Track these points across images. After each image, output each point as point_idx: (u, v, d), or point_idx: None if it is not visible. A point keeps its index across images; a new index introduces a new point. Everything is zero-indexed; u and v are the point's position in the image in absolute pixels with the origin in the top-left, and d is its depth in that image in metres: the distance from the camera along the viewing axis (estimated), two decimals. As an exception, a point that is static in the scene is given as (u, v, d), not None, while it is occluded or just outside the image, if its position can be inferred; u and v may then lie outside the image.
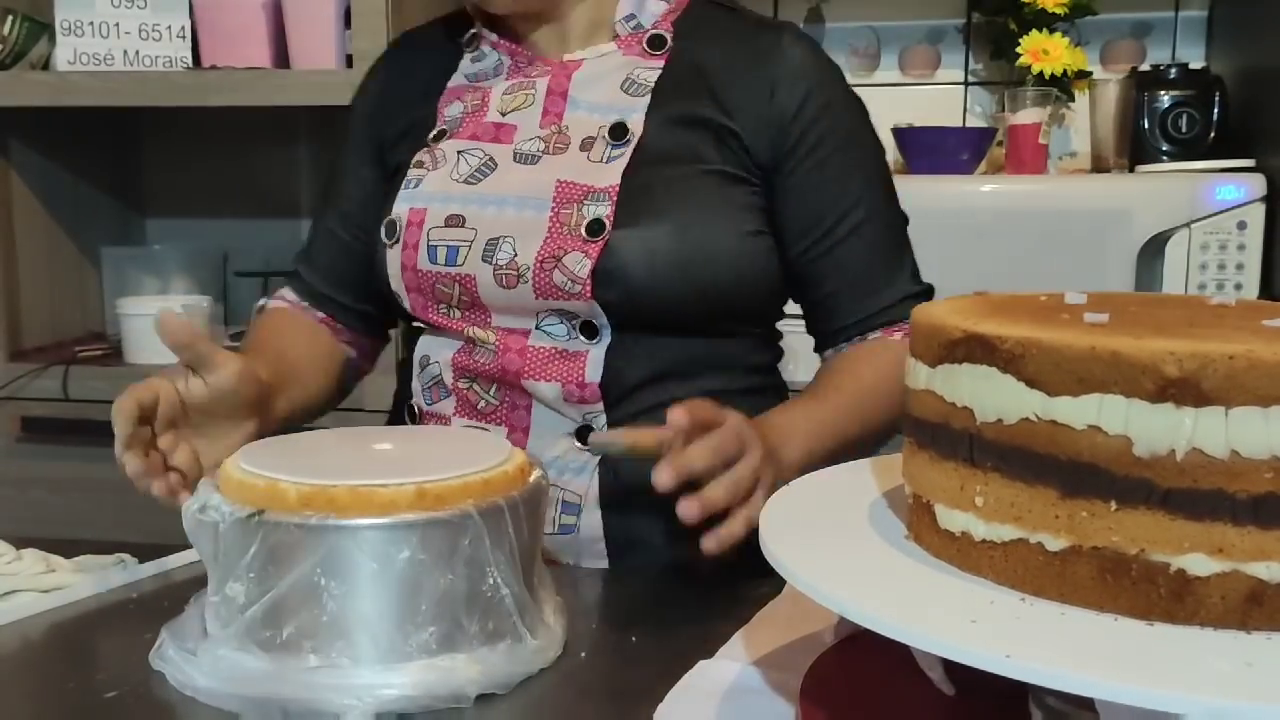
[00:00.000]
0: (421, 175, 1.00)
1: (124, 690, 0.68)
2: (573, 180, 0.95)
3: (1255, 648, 0.46)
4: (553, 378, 0.95)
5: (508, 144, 0.99)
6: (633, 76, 0.98)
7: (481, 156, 0.99)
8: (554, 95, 0.99)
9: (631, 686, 0.67)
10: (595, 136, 0.96)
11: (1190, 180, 1.71)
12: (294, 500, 0.66)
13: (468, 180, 0.98)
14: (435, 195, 0.99)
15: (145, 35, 1.86)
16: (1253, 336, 0.49)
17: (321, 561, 0.64)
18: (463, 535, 0.66)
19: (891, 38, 2.20)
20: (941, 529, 0.56)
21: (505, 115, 1.00)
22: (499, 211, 0.96)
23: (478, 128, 1.01)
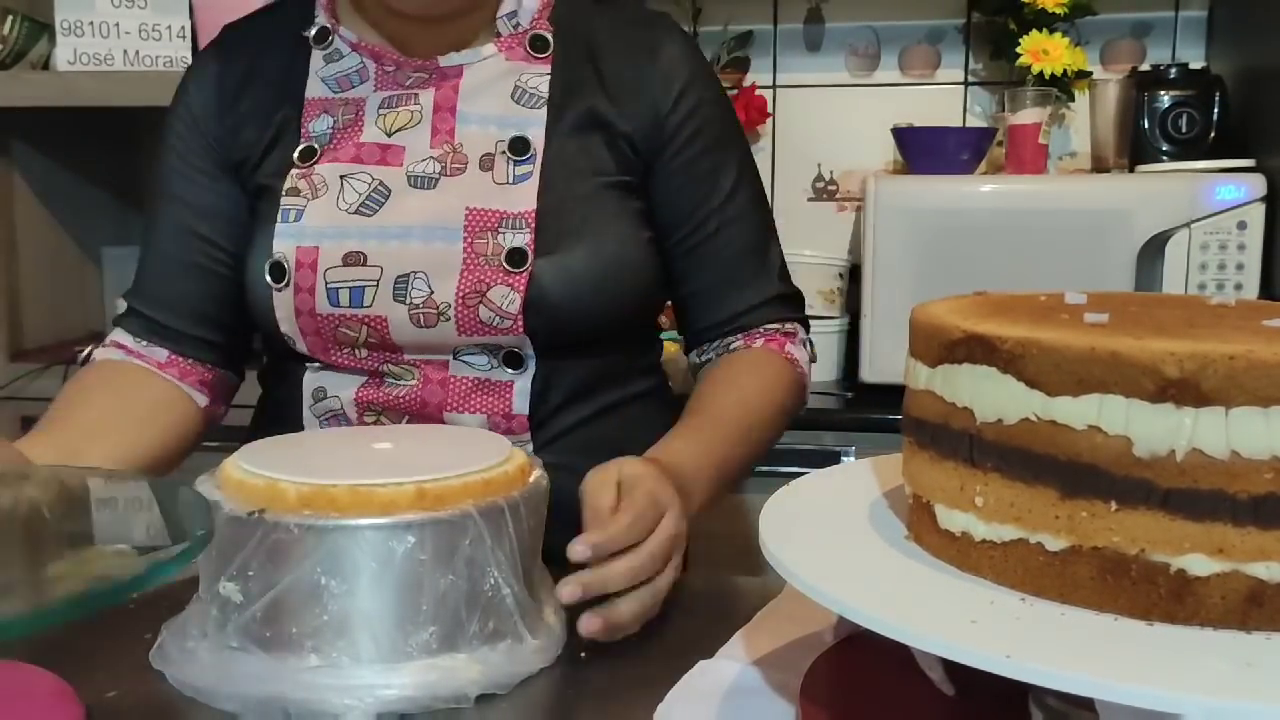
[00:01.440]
0: (300, 206, 0.91)
1: (124, 690, 0.68)
2: (481, 206, 0.90)
3: (1255, 648, 0.46)
4: (477, 409, 0.92)
5: (398, 167, 0.91)
6: (521, 84, 0.93)
7: (370, 181, 0.91)
8: (441, 111, 0.92)
9: (631, 686, 0.67)
10: (494, 153, 0.91)
11: (1190, 180, 1.71)
12: (294, 500, 0.66)
13: (360, 210, 0.90)
14: (325, 230, 0.90)
15: (145, 35, 1.86)
16: (1253, 337, 0.49)
17: (322, 561, 0.64)
18: (463, 535, 0.66)
19: (891, 38, 2.20)
20: (941, 529, 0.56)
21: (391, 135, 0.93)
22: (403, 245, 0.89)
23: (358, 148, 0.92)
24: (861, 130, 2.16)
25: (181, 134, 1.00)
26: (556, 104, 0.93)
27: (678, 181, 0.97)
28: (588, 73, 0.95)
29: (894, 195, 1.76)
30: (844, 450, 1.69)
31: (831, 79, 2.21)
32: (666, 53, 0.96)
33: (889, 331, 1.74)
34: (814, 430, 1.71)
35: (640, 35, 0.97)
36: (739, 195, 0.99)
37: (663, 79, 0.95)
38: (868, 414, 1.71)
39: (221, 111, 0.98)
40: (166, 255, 0.99)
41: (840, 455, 1.68)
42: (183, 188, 0.99)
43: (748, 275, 1.00)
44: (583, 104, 0.94)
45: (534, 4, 0.96)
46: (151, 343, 0.99)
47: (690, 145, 0.97)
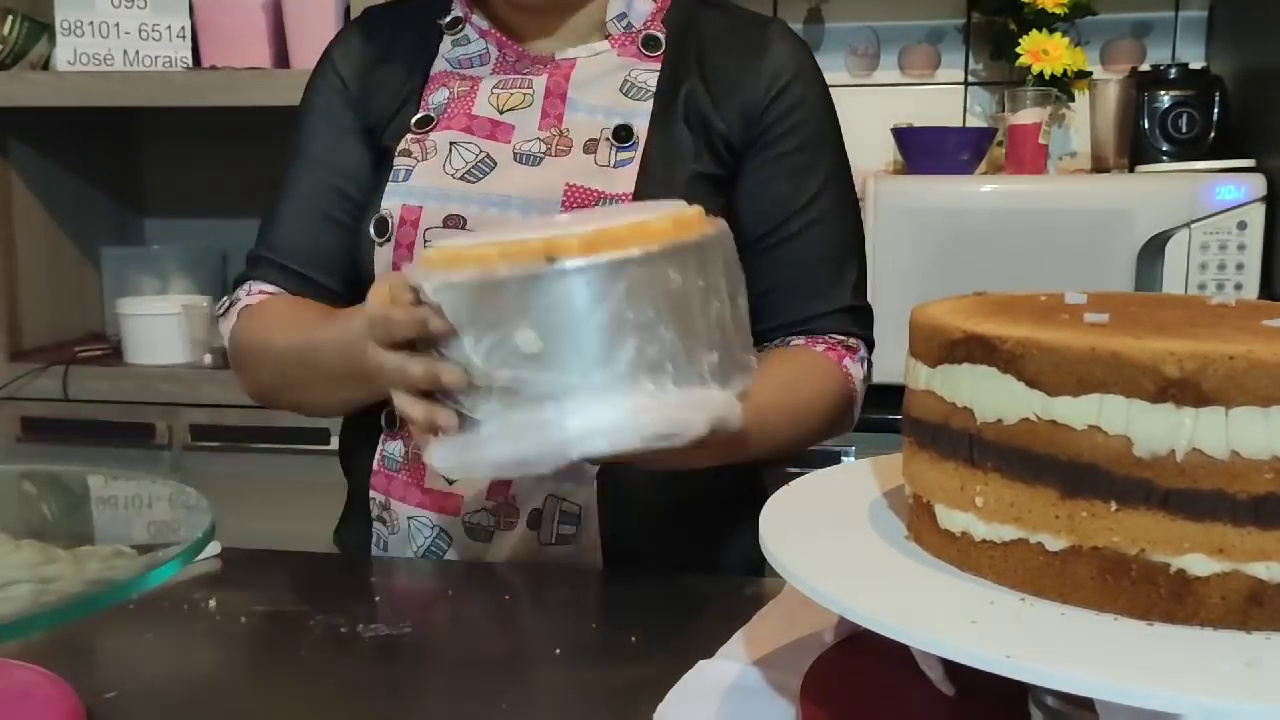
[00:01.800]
0: (410, 166, 0.96)
1: (124, 690, 0.68)
2: (583, 185, 0.93)
3: (1255, 648, 0.46)
4: None
5: (505, 143, 0.96)
6: (631, 79, 0.98)
7: (477, 152, 0.96)
8: (552, 97, 0.97)
9: (631, 686, 0.67)
10: (598, 139, 0.95)
11: (1190, 180, 1.71)
12: (577, 245, 0.63)
13: (465, 177, 0.95)
14: (430, 191, 0.95)
15: (145, 35, 1.86)
16: (1253, 337, 0.49)
17: (628, 293, 0.64)
18: (718, 258, 0.70)
19: (891, 38, 2.20)
20: (941, 529, 0.56)
21: (502, 113, 0.98)
22: (502, 214, 0.94)
23: (470, 119, 0.98)
24: (861, 130, 2.14)
25: (328, 95, 1.05)
26: (662, 98, 0.96)
27: (766, 174, 0.97)
28: (694, 70, 0.98)
29: (894, 195, 1.76)
30: (844, 450, 1.69)
31: (831, 79, 2.18)
32: (774, 50, 0.98)
33: (889, 331, 1.73)
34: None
35: (750, 34, 0.99)
36: (825, 199, 0.99)
37: (767, 75, 0.97)
38: (868, 414, 1.69)
39: (361, 78, 1.04)
40: (307, 208, 1.02)
41: (840, 455, 1.68)
42: (326, 146, 1.03)
43: (822, 282, 0.99)
44: (686, 99, 0.97)
45: (647, 8, 1.00)
46: (281, 289, 1.01)
47: (783, 141, 0.97)
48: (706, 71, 0.97)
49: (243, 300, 1.01)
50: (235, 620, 0.76)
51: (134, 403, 1.83)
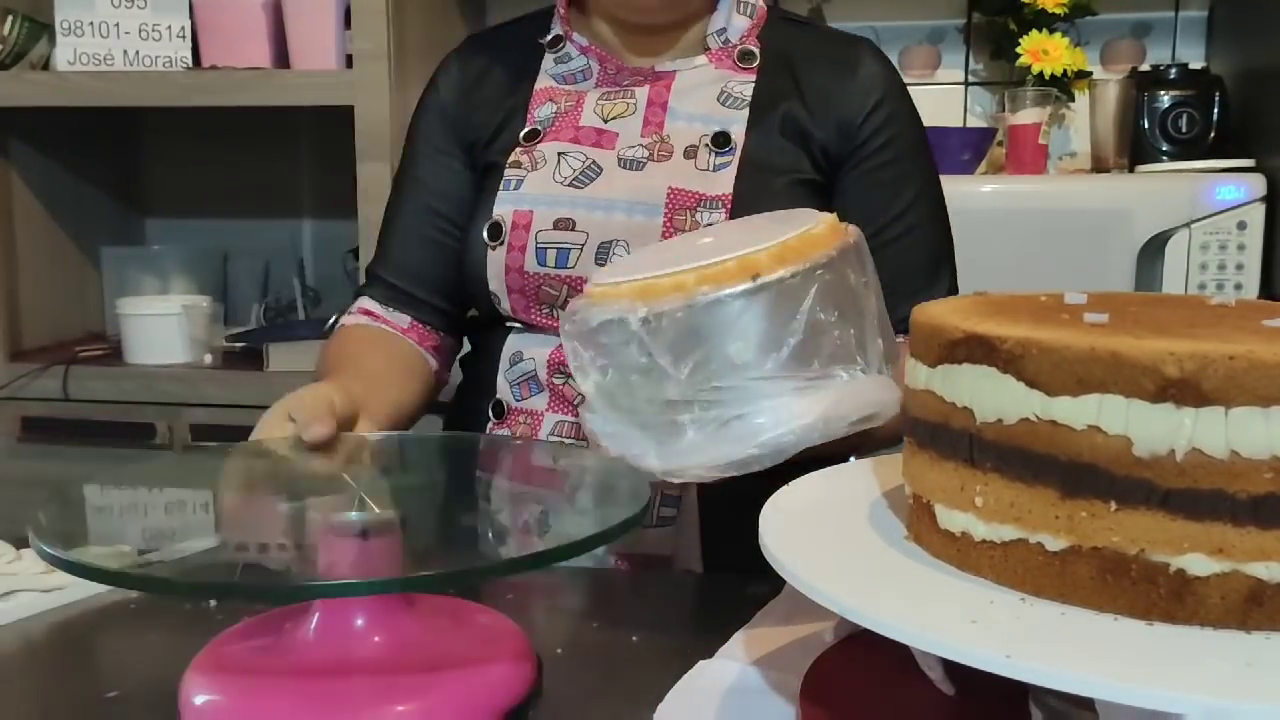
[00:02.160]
0: (521, 176, 1.01)
1: (124, 690, 0.68)
2: (683, 188, 0.97)
3: (1255, 648, 0.46)
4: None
5: (610, 150, 1.01)
6: (728, 90, 1.02)
7: (584, 160, 1.01)
8: (654, 105, 1.02)
9: (631, 686, 0.67)
10: (698, 145, 0.99)
11: (1190, 180, 1.71)
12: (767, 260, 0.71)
13: (573, 184, 1.00)
14: (540, 198, 1.00)
15: (145, 35, 1.86)
16: (1253, 337, 0.49)
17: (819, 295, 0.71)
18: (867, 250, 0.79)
19: (891, 38, 2.20)
20: (941, 529, 0.56)
21: (606, 122, 1.02)
22: (608, 216, 0.98)
23: (576, 131, 1.02)
24: (861, 130, 2.16)
25: (430, 121, 1.11)
26: (758, 108, 1.01)
27: (863, 185, 1.02)
28: (788, 84, 1.02)
29: (894, 195, 1.75)
30: (844, 450, 1.69)
31: (831, 79, 2.21)
32: (865, 68, 1.03)
33: (889, 331, 1.74)
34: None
35: (841, 52, 1.04)
36: (921, 206, 1.03)
37: (860, 91, 1.02)
38: (868, 414, 1.71)
39: (462, 99, 1.10)
40: (408, 229, 1.10)
41: (840, 455, 1.68)
42: (426, 170, 1.10)
43: (919, 284, 1.02)
44: (782, 110, 1.01)
45: (743, 24, 1.04)
46: (395, 308, 1.09)
47: (879, 154, 1.02)
48: (803, 87, 1.02)
49: (344, 320, 1.11)
50: (236, 620, 0.76)
51: (134, 403, 1.83)
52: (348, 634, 0.64)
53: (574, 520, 0.69)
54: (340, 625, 0.65)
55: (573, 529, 0.64)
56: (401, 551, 0.60)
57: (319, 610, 0.66)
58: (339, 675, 0.62)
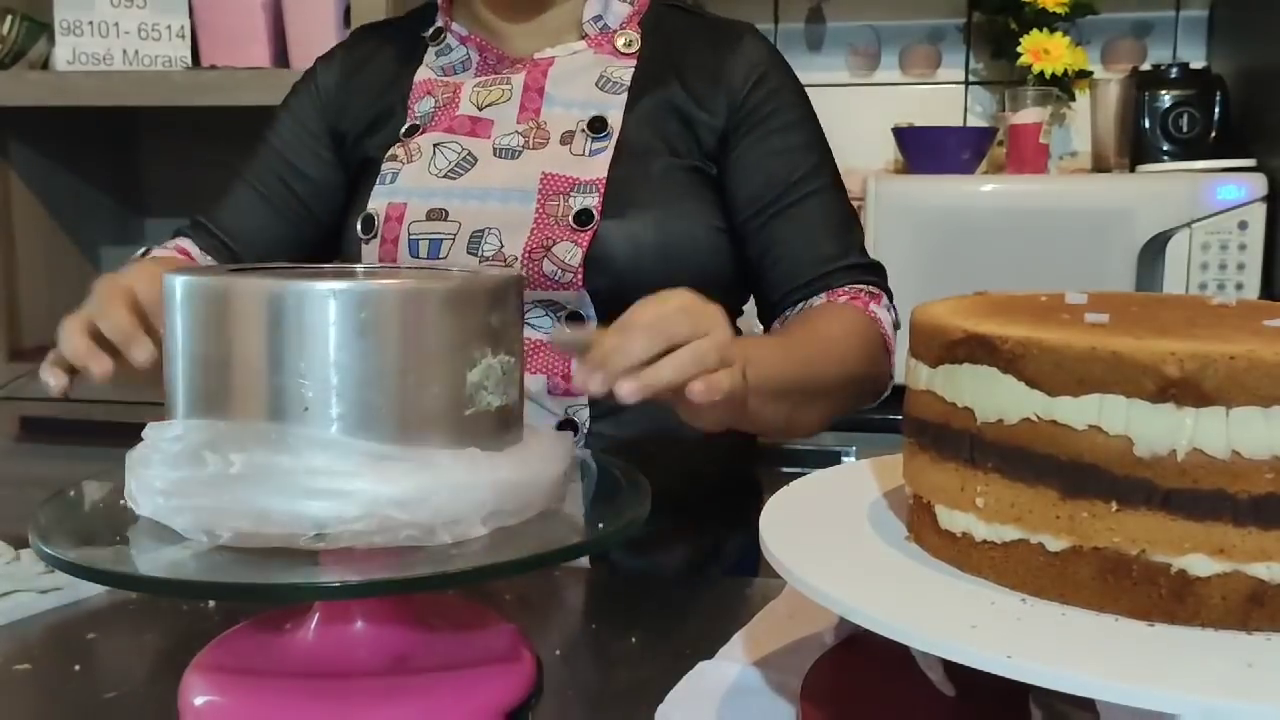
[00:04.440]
0: (397, 169, 1.00)
1: (123, 690, 0.68)
2: (557, 172, 0.96)
3: (1256, 648, 0.46)
4: (538, 370, 0.96)
5: (486, 139, 1.00)
6: (606, 74, 1.01)
7: (459, 150, 0.99)
8: (530, 91, 1.01)
9: (632, 687, 0.67)
10: (574, 130, 0.98)
11: (1191, 180, 1.71)
12: None
13: (448, 175, 0.99)
14: (414, 190, 0.99)
15: (145, 35, 1.86)
16: (1253, 337, 0.49)
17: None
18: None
19: (892, 37, 2.19)
20: (942, 530, 0.56)
21: (481, 110, 1.01)
22: (482, 205, 0.97)
23: (452, 121, 1.01)
24: (862, 130, 2.16)
25: (302, 101, 1.10)
26: (637, 92, 1.00)
27: (760, 151, 1.00)
28: (669, 68, 1.01)
29: (895, 195, 1.76)
30: (844, 450, 1.69)
31: (832, 78, 2.21)
32: (747, 44, 1.02)
33: (889, 331, 1.74)
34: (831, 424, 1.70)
35: (723, 34, 1.03)
36: (820, 175, 1.01)
37: (743, 65, 1.00)
38: (868, 414, 1.71)
39: (340, 86, 1.09)
40: (254, 191, 1.07)
41: (840, 455, 1.68)
42: (287, 141, 1.08)
43: (829, 242, 1.00)
44: (662, 94, 1.00)
45: (623, 10, 1.04)
46: (211, 257, 1.05)
47: (769, 122, 1.00)
48: (684, 72, 1.00)
49: (155, 251, 1.04)
50: (235, 620, 0.76)
51: (134, 403, 1.83)
52: (347, 635, 0.64)
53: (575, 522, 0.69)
54: (340, 626, 0.65)
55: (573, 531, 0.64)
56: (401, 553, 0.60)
57: (319, 611, 0.66)
58: (339, 676, 0.62)
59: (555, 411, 0.97)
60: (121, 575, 0.57)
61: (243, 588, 0.59)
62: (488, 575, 0.57)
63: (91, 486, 0.71)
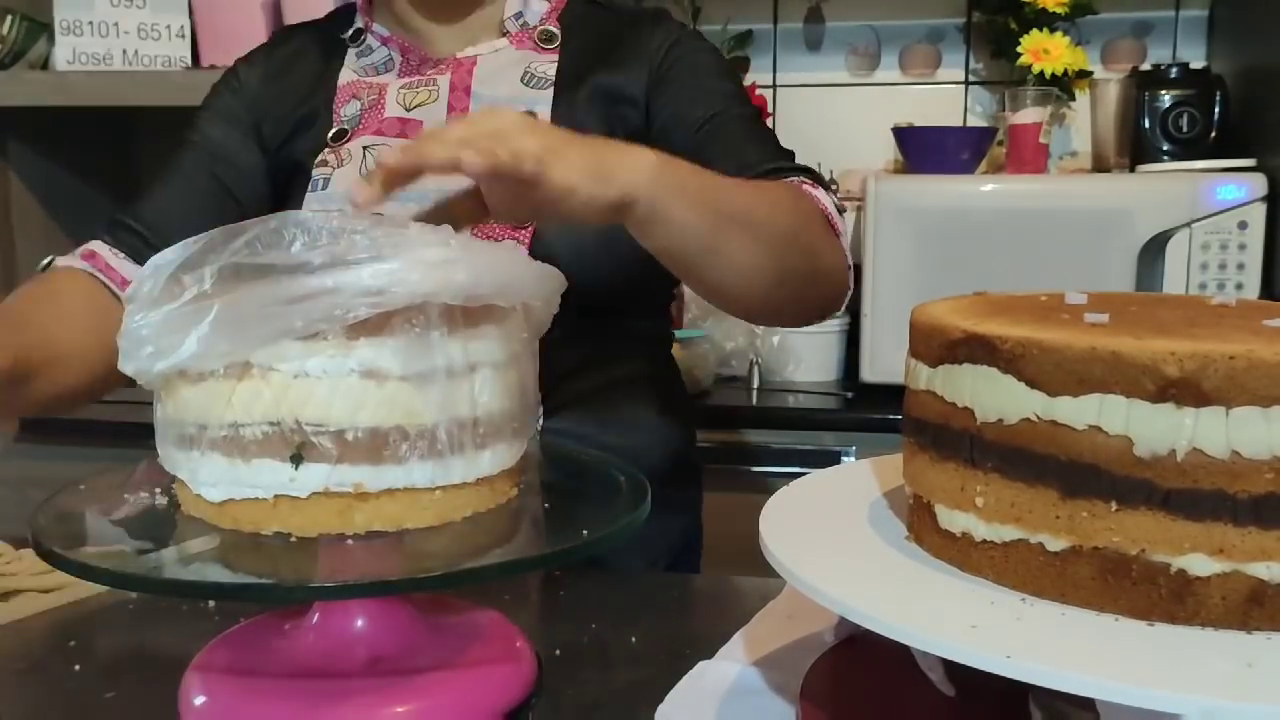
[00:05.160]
0: (328, 175, 1.00)
1: (123, 690, 0.68)
2: None
3: (1256, 648, 0.46)
4: None
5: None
6: (531, 70, 1.02)
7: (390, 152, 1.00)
8: (457, 91, 1.01)
9: (631, 687, 0.67)
10: None
11: (1191, 180, 1.71)
12: None
13: None
14: (348, 195, 0.98)
15: (144, 35, 1.86)
16: (1253, 337, 0.49)
17: None
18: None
19: (892, 37, 2.19)
20: (942, 529, 0.56)
21: (410, 110, 1.01)
22: (419, 205, 0.96)
23: (380, 123, 1.01)
24: (862, 130, 2.16)
25: (223, 96, 1.09)
26: (563, 85, 1.01)
27: (676, 94, 1.01)
28: (591, 57, 1.03)
29: (894, 195, 1.76)
30: (844, 450, 1.69)
31: (832, 78, 2.21)
32: (663, 24, 1.05)
33: (889, 331, 1.74)
34: (814, 430, 1.71)
35: (639, 16, 1.06)
36: (744, 109, 1.02)
37: (661, 38, 1.03)
38: (868, 414, 1.71)
39: (263, 83, 1.08)
40: (180, 185, 1.04)
41: (840, 455, 1.68)
42: (213, 134, 1.06)
43: (758, 149, 0.99)
44: (587, 82, 1.01)
45: (541, 7, 1.05)
46: (130, 258, 1.00)
47: (688, 72, 1.02)
48: (608, 57, 1.03)
49: (58, 261, 1.00)
50: (234, 621, 0.76)
51: (134, 402, 1.83)
52: (347, 635, 0.64)
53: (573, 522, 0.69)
54: (340, 626, 0.65)
55: (572, 531, 0.64)
56: (401, 553, 0.60)
57: (318, 611, 0.66)
58: (339, 676, 0.62)
59: None
60: (122, 575, 0.57)
61: (242, 587, 0.59)
62: (486, 576, 0.57)
63: (91, 486, 0.71)
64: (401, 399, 0.59)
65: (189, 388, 0.61)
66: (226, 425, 0.59)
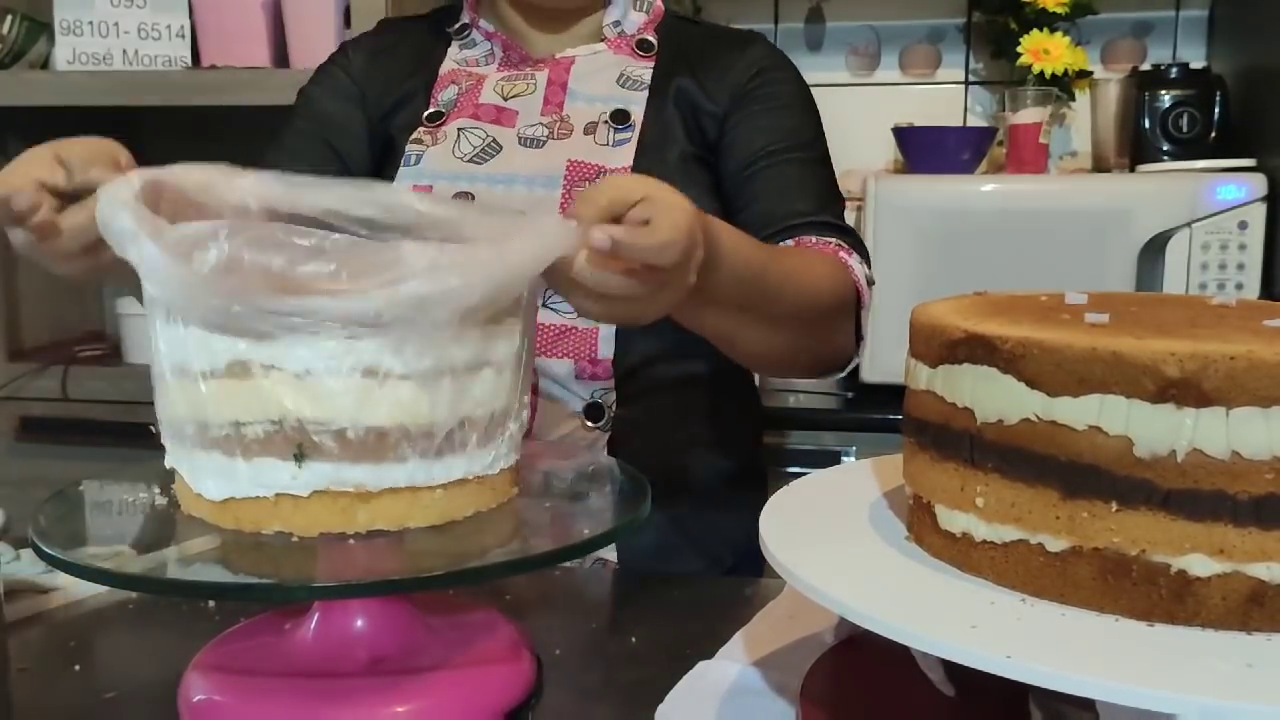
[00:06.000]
0: (421, 152, 1.02)
1: (123, 690, 0.68)
2: (584, 160, 0.99)
3: (1256, 648, 0.46)
4: (565, 354, 0.97)
5: (511, 127, 1.02)
6: (627, 73, 1.05)
7: (484, 137, 1.02)
8: (554, 86, 1.04)
9: (632, 687, 0.67)
10: (597, 122, 1.01)
11: (1191, 180, 1.71)
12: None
13: (473, 160, 1.01)
14: (440, 172, 1.01)
15: (144, 35, 1.86)
16: (1253, 337, 0.49)
17: None
18: None
19: (892, 37, 2.19)
20: (942, 530, 0.56)
21: (506, 100, 1.04)
22: (508, 190, 0.99)
23: (476, 108, 1.04)
24: (862, 130, 2.16)
25: (333, 70, 1.11)
26: (656, 89, 1.04)
27: (752, 126, 1.03)
28: (683, 67, 1.05)
29: (894, 195, 1.76)
30: (844, 450, 1.69)
31: (832, 78, 2.21)
32: (757, 46, 1.07)
33: (889, 331, 1.74)
34: (814, 430, 1.71)
35: (733, 36, 1.09)
36: (814, 148, 1.04)
37: (750, 61, 1.05)
38: (868, 414, 1.71)
39: (368, 61, 1.11)
40: (292, 148, 1.07)
41: (840, 455, 1.68)
42: (322, 105, 1.09)
43: (807, 196, 1.00)
44: (676, 85, 1.04)
45: (639, 19, 1.09)
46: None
47: (768, 100, 1.04)
48: (697, 69, 1.05)
49: None
50: (234, 620, 0.76)
51: (134, 402, 1.83)
52: (347, 635, 0.64)
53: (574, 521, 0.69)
54: (339, 626, 0.65)
55: (574, 529, 0.64)
56: (403, 552, 0.60)
57: (318, 611, 0.66)
58: (338, 676, 0.62)
59: (582, 395, 0.98)
60: (122, 575, 0.57)
61: (242, 587, 0.59)
62: (487, 575, 0.57)
63: (91, 486, 0.71)
64: (404, 398, 0.59)
65: (190, 386, 0.61)
66: (228, 424, 0.59)
